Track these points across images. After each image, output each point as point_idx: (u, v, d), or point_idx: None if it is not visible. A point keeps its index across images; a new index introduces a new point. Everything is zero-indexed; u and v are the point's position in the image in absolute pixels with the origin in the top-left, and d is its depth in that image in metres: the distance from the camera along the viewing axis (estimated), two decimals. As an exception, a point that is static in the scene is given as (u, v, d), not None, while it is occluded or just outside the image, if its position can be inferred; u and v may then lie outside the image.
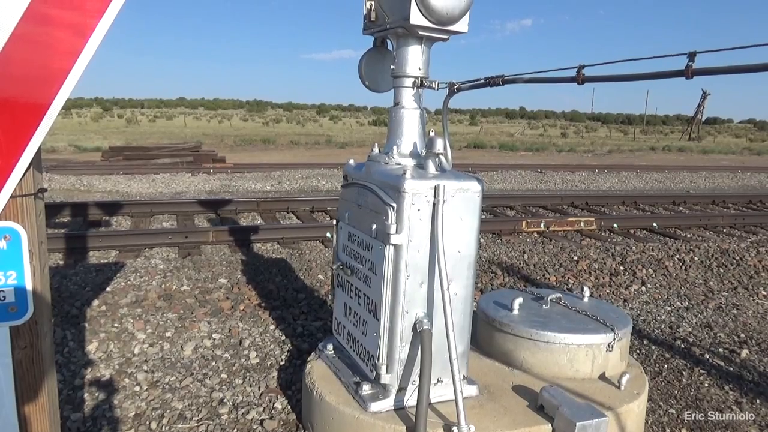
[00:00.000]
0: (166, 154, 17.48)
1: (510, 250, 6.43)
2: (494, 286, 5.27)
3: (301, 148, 26.36)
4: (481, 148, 29.06)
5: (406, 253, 2.32)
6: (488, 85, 2.32)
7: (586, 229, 7.99)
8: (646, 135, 54.08)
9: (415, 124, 2.59)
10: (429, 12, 2.32)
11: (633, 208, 10.43)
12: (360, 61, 2.83)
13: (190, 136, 29.19)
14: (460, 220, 2.39)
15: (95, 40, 1.44)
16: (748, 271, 5.85)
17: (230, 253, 6.16)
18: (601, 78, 1.85)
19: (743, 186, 15.10)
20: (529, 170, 16.14)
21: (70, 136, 26.59)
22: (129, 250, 6.08)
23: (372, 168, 2.59)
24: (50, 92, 1.42)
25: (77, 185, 11.05)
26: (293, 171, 13.98)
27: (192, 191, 11.01)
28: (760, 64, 1.54)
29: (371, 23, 2.63)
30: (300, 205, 8.86)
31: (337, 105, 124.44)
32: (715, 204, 11.08)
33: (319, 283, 5.03)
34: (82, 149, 21.64)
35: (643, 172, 16.75)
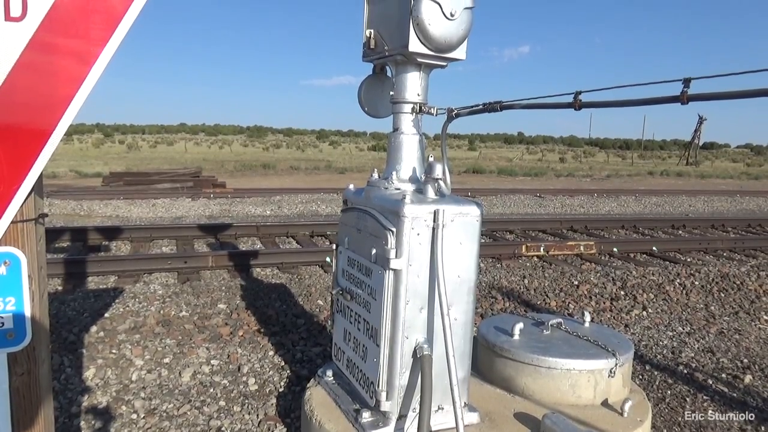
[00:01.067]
0: (166, 179, 17.55)
1: (510, 275, 6.41)
2: (494, 311, 5.24)
3: (300, 173, 26.47)
4: (480, 172, 29.19)
5: (405, 278, 2.32)
6: (486, 110, 2.34)
7: (586, 253, 7.98)
8: (644, 160, 54.35)
9: (414, 150, 2.61)
10: (427, 40, 2.36)
11: (632, 231, 10.43)
12: (360, 87, 2.86)
13: (190, 162, 29.34)
14: (459, 244, 2.39)
15: (99, 68, 1.47)
16: (749, 296, 5.83)
17: (229, 278, 6.14)
18: (598, 104, 1.87)
19: (742, 210, 15.13)
20: (528, 195, 16.19)
21: (71, 162, 26.72)
22: (128, 275, 6.06)
23: (371, 193, 2.60)
24: (53, 119, 1.43)
25: (77, 210, 11.06)
26: (293, 196, 14.01)
27: (192, 216, 11.02)
28: (755, 90, 1.56)
29: (371, 51, 2.67)
30: (300, 230, 8.86)
31: (337, 130, 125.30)
32: (715, 228, 11.09)
33: (319, 309, 5.00)
34: (82, 174, 21.73)
35: (641, 197, 16.80)
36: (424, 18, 2.30)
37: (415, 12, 2.31)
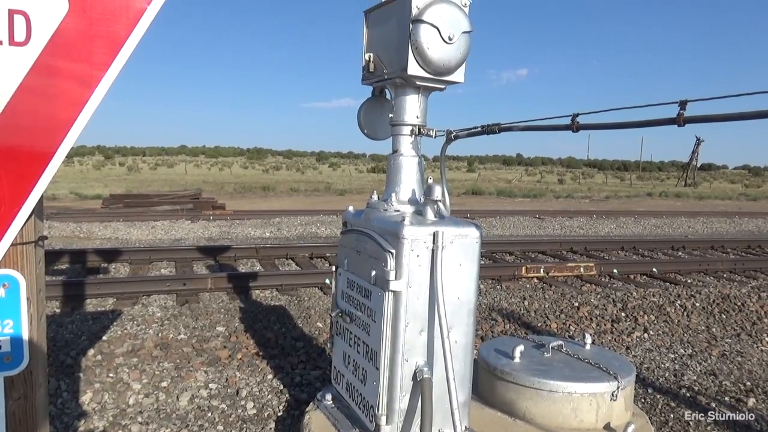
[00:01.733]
0: (166, 201, 17.57)
1: (510, 297, 6.39)
2: (495, 333, 5.21)
3: (300, 195, 26.53)
4: (479, 194, 29.25)
5: (405, 300, 2.31)
6: (485, 132, 2.36)
7: (586, 274, 7.96)
8: (642, 181, 54.53)
9: (413, 172, 2.62)
10: (426, 63, 2.39)
11: (632, 253, 10.42)
12: (359, 109, 2.88)
13: (190, 184, 29.41)
14: (459, 266, 2.39)
15: (101, 91, 1.48)
16: (751, 317, 5.80)
17: (229, 301, 6.12)
18: (595, 126, 1.89)
19: (741, 231, 15.13)
20: (528, 216, 16.20)
21: (71, 184, 26.79)
22: (126, 298, 6.03)
23: (371, 215, 2.60)
24: (55, 142, 1.44)
25: (77, 232, 11.05)
26: (292, 218, 14.02)
27: (191, 238, 11.01)
28: (751, 112, 1.57)
29: (370, 74, 2.70)
30: (299, 252, 8.85)
31: (337, 152, 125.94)
32: (714, 249, 11.08)
33: (318, 331, 4.97)
34: (82, 197, 21.76)
35: (641, 218, 16.81)
36: (423, 42, 2.33)
37: (414, 36, 2.34)
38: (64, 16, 1.43)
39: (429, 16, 2.32)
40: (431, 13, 2.32)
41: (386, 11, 2.62)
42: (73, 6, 1.43)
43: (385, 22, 2.61)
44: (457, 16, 2.38)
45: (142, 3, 1.49)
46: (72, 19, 1.43)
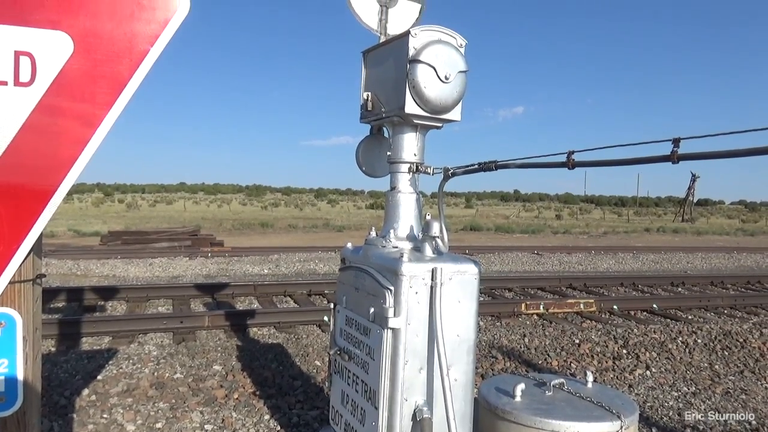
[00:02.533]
0: (164, 238, 17.55)
1: (510, 333, 6.33)
2: (495, 371, 5.14)
3: (299, 231, 26.53)
4: (477, 230, 29.28)
5: (404, 337, 2.29)
6: (482, 170, 2.38)
7: (586, 311, 7.91)
8: (639, 216, 54.71)
9: (411, 208, 2.63)
10: (423, 102, 2.43)
11: (632, 289, 10.38)
12: (357, 147, 2.92)
13: (189, 221, 29.43)
14: (458, 302, 2.38)
15: (103, 130, 1.50)
16: (753, 354, 5.74)
17: (226, 339, 6.05)
18: (591, 163, 1.91)
19: (740, 267, 15.11)
20: (526, 252, 16.18)
21: (69, 221, 26.79)
22: (123, 336, 5.97)
23: (369, 251, 2.60)
24: (56, 180, 1.46)
25: (74, 270, 11.00)
26: (291, 254, 13.99)
27: (189, 275, 10.96)
28: (743, 150, 1.59)
29: (368, 112, 2.74)
30: (297, 289, 8.80)
31: (335, 189, 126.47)
32: (714, 285, 11.04)
33: (316, 370, 4.90)
34: (81, 234, 21.74)
35: (639, 254, 16.80)
36: (420, 81, 2.38)
37: (411, 75, 2.38)
38: (68, 57, 1.46)
39: (426, 57, 2.37)
40: (428, 54, 2.37)
41: (384, 52, 2.68)
42: (77, 47, 1.47)
43: (382, 62, 2.67)
44: (454, 56, 2.43)
45: (145, 45, 1.52)
46: (76, 60, 1.47)
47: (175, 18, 1.54)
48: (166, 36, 1.54)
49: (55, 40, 1.44)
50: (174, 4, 1.54)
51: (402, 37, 2.47)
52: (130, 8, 1.50)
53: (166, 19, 1.53)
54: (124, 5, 1.49)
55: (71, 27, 1.45)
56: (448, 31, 2.48)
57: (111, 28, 1.48)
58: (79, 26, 1.46)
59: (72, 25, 1.45)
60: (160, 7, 1.53)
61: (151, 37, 1.52)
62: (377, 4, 2.96)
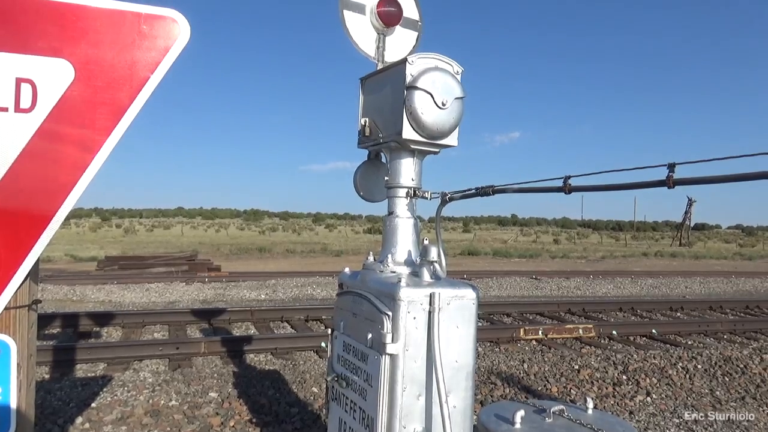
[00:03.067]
0: (161, 263, 17.48)
1: (509, 359, 6.28)
2: (494, 397, 5.09)
3: (296, 256, 26.47)
4: (475, 254, 29.25)
5: (402, 363, 2.27)
6: (479, 194, 2.39)
7: (585, 336, 7.86)
8: (637, 241, 54.77)
9: (409, 233, 2.63)
10: (420, 128, 2.45)
11: (631, 314, 10.33)
12: (355, 172, 2.93)
13: (186, 245, 29.37)
14: (456, 328, 2.37)
15: (102, 156, 1.51)
16: (754, 380, 5.70)
17: (222, 365, 5.99)
18: (587, 188, 1.92)
19: (738, 291, 15.08)
20: (524, 276, 16.15)
21: (66, 246, 26.70)
22: (118, 363, 5.90)
23: (367, 276, 2.60)
24: (54, 205, 1.46)
25: (70, 295, 10.93)
26: (288, 279, 13.93)
27: (186, 300, 10.89)
28: (740, 174, 1.61)
29: (366, 138, 2.76)
30: (294, 314, 8.74)
31: (333, 214, 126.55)
32: (713, 309, 11.01)
33: (314, 396, 4.85)
34: (77, 259, 21.66)
35: (637, 278, 16.77)
36: (417, 107, 2.40)
37: (408, 102, 2.41)
38: (69, 84, 1.48)
39: (423, 83, 2.40)
40: (425, 81, 2.40)
41: (381, 78, 2.71)
42: (78, 75, 1.48)
43: (380, 89, 2.70)
44: (450, 83, 2.45)
45: (146, 72, 1.54)
46: (77, 87, 1.48)
47: (176, 45, 1.56)
48: (166, 63, 1.56)
49: (56, 68, 1.46)
50: (175, 32, 1.56)
51: (399, 64, 2.50)
52: (131, 37, 1.52)
53: (167, 47, 1.55)
54: (126, 34, 1.52)
55: (73, 55, 1.47)
56: (444, 58, 2.51)
57: (112, 55, 1.51)
58: (80, 54, 1.48)
59: (74, 53, 1.47)
60: (160, 36, 1.55)
61: (151, 65, 1.54)
62: (375, 33, 3.01)
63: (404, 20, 3.09)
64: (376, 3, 2.99)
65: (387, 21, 3.00)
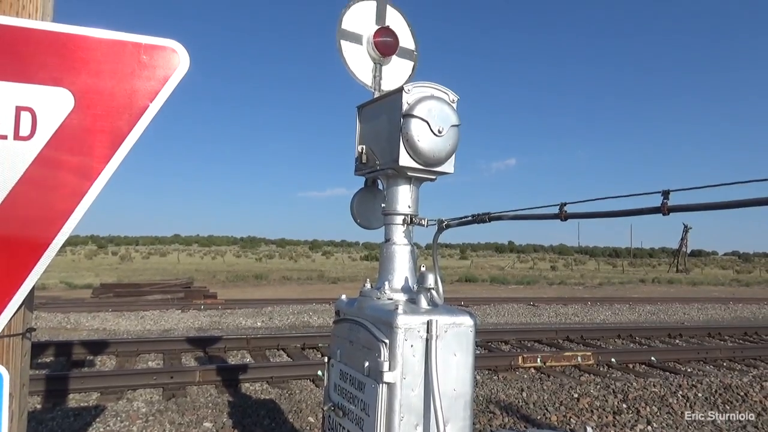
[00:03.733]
0: (157, 290, 17.37)
1: (507, 388, 6.21)
2: (493, 426, 5.02)
3: (293, 283, 26.34)
4: (472, 281, 29.16)
5: (399, 392, 2.25)
6: (475, 221, 2.40)
7: (584, 364, 7.80)
8: (634, 267, 54.73)
9: (406, 260, 2.63)
10: (417, 155, 2.47)
11: (629, 341, 10.27)
12: (352, 199, 2.94)
13: (182, 273, 29.22)
14: (454, 355, 2.35)
15: (100, 183, 1.52)
16: (755, 408, 5.64)
17: (217, 394, 5.91)
18: (583, 215, 1.93)
19: (736, 318, 15.02)
20: (522, 303, 16.08)
21: (62, 273, 26.55)
22: (111, 392, 5.82)
23: (364, 303, 2.59)
24: (51, 232, 1.46)
25: (64, 323, 10.82)
26: (285, 306, 13.84)
27: (181, 328, 10.80)
28: (734, 201, 1.62)
29: (363, 165, 2.77)
30: (291, 342, 8.66)
31: (330, 241, 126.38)
32: (711, 336, 10.95)
33: (310, 426, 4.77)
34: (72, 286, 21.51)
35: (635, 305, 16.71)
36: (414, 134, 2.43)
37: (405, 129, 2.43)
38: (69, 112, 1.49)
39: (419, 111, 2.42)
40: (421, 109, 2.43)
41: (378, 107, 2.74)
42: (78, 103, 1.50)
43: (377, 117, 2.73)
44: (446, 110, 2.48)
45: (145, 100, 1.56)
46: (77, 115, 1.50)
47: (176, 75, 1.58)
48: (165, 92, 1.57)
49: (56, 96, 1.48)
50: (174, 62, 1.58)
51: (396, 92, 2.53)
52: (131, 66, 1.54)
53: (166, 76, 1.57)
54: (126, 63, 1.54)
55: (73, 84, 1.49)
56: (440, 87, 2.55)
57: (112, 85, 1.52)
58: (80, 83, 1.50)
59: (74, 82, 1.49)
60: (160, 65, 1.57)
61: (150, 93, 1.56)
62: (371, 62, 3.05)
63: (400, 50, 3.14)
64: (372, 33, 3.04)
65: (383, 51, 3.05)
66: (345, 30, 3.01)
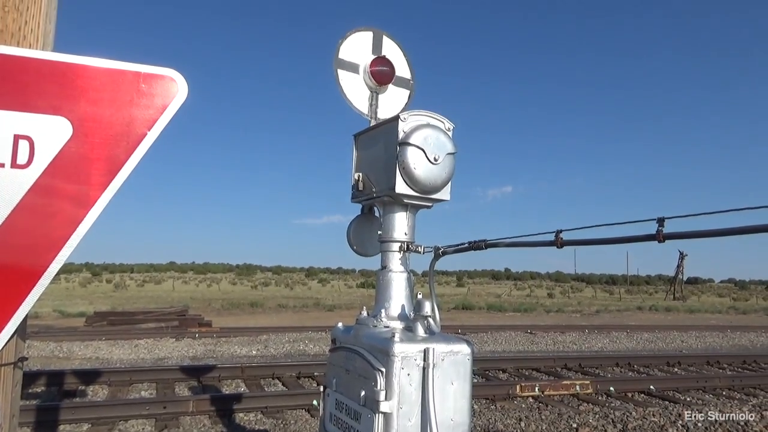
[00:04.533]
0: (151, 318, 17.20)
1: (505, 417, 6.13)
2: (491, 457, 4.94)
3: (288, 311, 26.13)
4: (469, 309, 28.97)
5: (396, 422, 2.21)
6: (472, 249, 2.40)
7: (583, 393, 7.72)
8: (631, 295, 54.57)
9: (402, 287, 2.62)
10: (413, 183, 2.48)
11: (628, 369, 10.19)
12: (349, 227, 2.94)
13: (177, 301, 28.98)
14: (451, 384, 2.32)
15: (96, 210, 1.52)
16: (756, 437, 5.57)
17: (210, 425, 5.81)
18: (579, 242, 1.93)
19: (735, 345, 14.94)
20: (519, 331, 15.97)
21: (55, 302, 26.29)
22: (102, 423, 5.72)
23: (360, 331, 2.57)
24: (46, 260, 1.45)
25: (56, 352, 10.68)
26: (280, 334, 13.71)
27: (175, 357, 10.67)
28: (729, 229, 1.63)
29: (359, 192, 2.78)
30: (286, 371, 8.56)
31: (326, 268, 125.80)
32: (710, 364, 10.87)
33: (304, 457, 4.69)
34: (66, 314, 21.27)
35: (633, 332, 16.62)
36: (410, 162, 2.44)
37: (401, 157, 2.45)
38: (67, 140, 1.50)
39: (415, 140, 2.45)
40: (417, 137, 2.45)
41: (374, 135, 2.76)
42: (76, 132, 1.51)
43: (373, 145, 2.75)
44: (442, 139, 2.51)
45: (143, 128, 1.57)
46: (74, 143, 1.50)
47: (174, 103, 1.60)
48: (164, 120, 1.59)
49: (54, 125, 1.49)
50: (173, 91, 1.60)
51: (392, 121, 2.56)
52: (129, 95, 1.56)
53: (164, 105, 1.59)
54: (125, 92, 1.55)
55: (71, 112, 1.50)
56: (436, 115, 2.58)
57: (110, 113, 1.53)
58: (79, 112, 1.51)
59: (72, 111, 1.50)
60: (158, 94, 1.58)
61: (148, 121, 1.57)
62: (368, 91, 3.09)
63: (396, 79, 3.18)
64: (369, 63, 3.08)
65: (380, 80, 3.09)
66: (342, 59, 3.06)
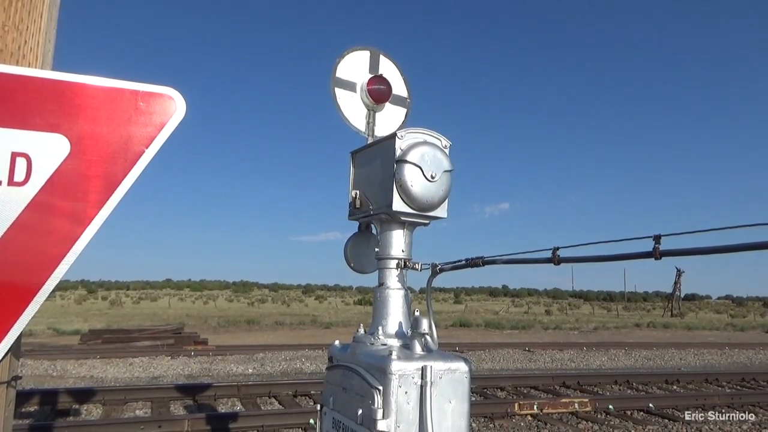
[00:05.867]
0: (146, 336, 17.08)
1: (504, 436, 6.07)
2: (489, 477, 4.88)
3: (285, 328, 25.98)
4: (466, 326, 28.85)
5: (393, 441, 2.19)
6: (469, 266, 2.40)
7: (581, 411, 7.66)
8: (629, 312, 54.48)
9: (399, 305, 2.61)
10: (410, 200, 2.48)
11: (626, 387, 10.13)
12: (346, 244, 2.94)
13: (173, 318, 28.81)
14: (449, 402, 2.30)
15: (93, 228, 1.51)
16: (756, 456, 5.53)
17: (205, 444, 5.74)
18: (576, 259, 1.93)
19: (733, 363, 14.89)
20: (517, 348, 15.89)
21: (50, 319, 26.10)
22: (96, 443, 5.65)
23: (357, 349, 2.55)
24: (42, 278, 1.44)
25: (50, 371, 10.58)
26: (277, 352, 13.62)
27: (170, 375, 10.57)
28: (725, 246, 1.63)
29: (356, 210, 2.79)
30: (282, 389, 8.49)
31: (323, 285, 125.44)
32: (709, 382, 10.83)
33: (300, 478, 4.63)
34: (60, 332, 21.11)
35: (631, 350, 16.55)
36: (407, 180, 2.45)
37: (398, 174, 2.46)
38: (64, 158, 1.50)
39: (412, 157, 2.46)
40: (414, 154, 2.46)
41: (371, 152, 2.77)
42: (74, 149, 1.51)
43: (370, 162, 2.76)
44: (439, 156, 2.52)
45: (141, 146, 1.57)
46: (72, 160, 1.50)
47: (172, 121, 1.60)
48: (161, 138, 1.59)
49: (52, 142, 1.49)
50: (171, 108, 1.60)
51: (389, 138, 2.57)
52: (127, 113, 1.56)
53: (162, 123, 1.59)
54: (123, 110, 1.56)
55: (69, 130, 1.51)
56: (433, 133, 2.59)
57: (108, 131, 1.54)
58: (77, 129, 1.51)
59: (70, 128, 1.51)
60: (156, 112, 1.59)
61: (146, 139, 1.58)
62: (365, 109, 3.11)
63: (393, 97, 3.20)
64: (366, 81, 3.11)
65: (377, 98, 3.11)
66: (339, 78, 3.08)
